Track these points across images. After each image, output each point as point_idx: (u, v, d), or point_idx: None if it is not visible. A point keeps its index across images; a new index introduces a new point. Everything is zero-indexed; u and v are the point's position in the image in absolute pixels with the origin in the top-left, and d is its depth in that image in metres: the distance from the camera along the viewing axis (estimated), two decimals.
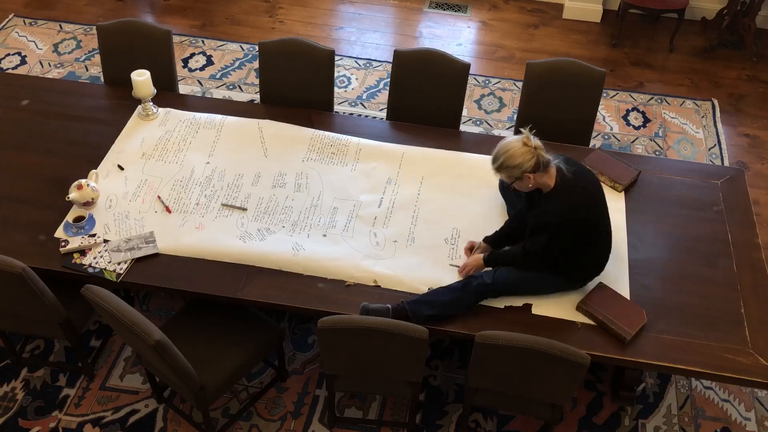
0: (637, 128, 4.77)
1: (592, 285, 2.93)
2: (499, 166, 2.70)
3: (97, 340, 3.48)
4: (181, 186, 3.29)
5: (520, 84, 4.76)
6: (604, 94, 4.93)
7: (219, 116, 3.62)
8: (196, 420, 3.19)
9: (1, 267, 2.71)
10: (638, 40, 5.51)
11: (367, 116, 4.71)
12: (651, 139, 4.69)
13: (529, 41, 5.45)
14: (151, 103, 3.59)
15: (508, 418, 3.26)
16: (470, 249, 3.04)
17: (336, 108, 4.61)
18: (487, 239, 3.02)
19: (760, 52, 5.34)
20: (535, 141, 2.67)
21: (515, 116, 4.22)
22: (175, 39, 4.99)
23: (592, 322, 2.84)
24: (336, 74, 4.73)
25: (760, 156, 4.63)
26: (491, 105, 4.88)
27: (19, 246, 3.01)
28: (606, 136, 4.70)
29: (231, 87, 4.92)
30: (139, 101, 3.59)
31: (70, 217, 3.10)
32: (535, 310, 2.87)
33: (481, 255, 2.93)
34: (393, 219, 3.20)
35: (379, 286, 2.94)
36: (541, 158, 2.65)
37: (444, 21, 5.65)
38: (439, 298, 2.83)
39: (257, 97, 4.63)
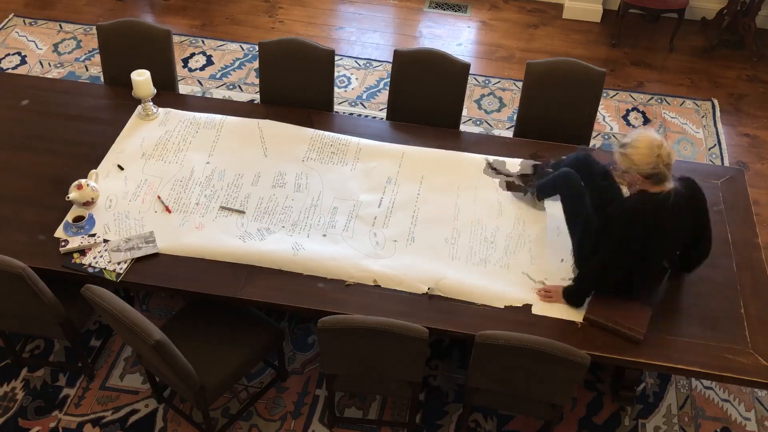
0: (637, 128, 4.76)
1: None
2: (623, 154, 2.62)
3: (97, 340, 3.48)
4: (181, 186, 3.29)
5: (520, 84, 4.76)
6: (604, 94, 4.93)
7: (219, 116, 3.62)
8: (196, 420, 3.19)
9: (1, 267, 2.72)
10: (638, 40, 5.51)
11: (367, 116, 4.71)
12: None
13: (529, 41, 5.45)
14: (151, 103, 3.59)
15: (508, 418, 3.26)
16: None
17: (336, 108, 4.61)
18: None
19: (760, 52, 5.35)
20: (663, 149, 2.57)
21: (515, 116, 4.22)
22: (175, 39, 4.99)
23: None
24: (336, 74, 4.73)
25: (760, 156, 4.63)
26: (491, 105, 4.88)
27: (19, 246, 3.00)
28: (606, 136, 4.70)
29: (231, 87, 4.92)
30: (139, 101, 3.58)
31: (70, 217, 3.10)
32: (535, 310, 2.87)
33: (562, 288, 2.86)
34: (393, 219, 3.20)
35: (379, 286, 2.94)
36: (659, 170, 2.57)
37: (444, 21, 5.65)
38: None
39: (257, 97, 4.63)
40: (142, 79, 3.46)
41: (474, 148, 3.52)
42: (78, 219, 3.07)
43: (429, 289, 2.92)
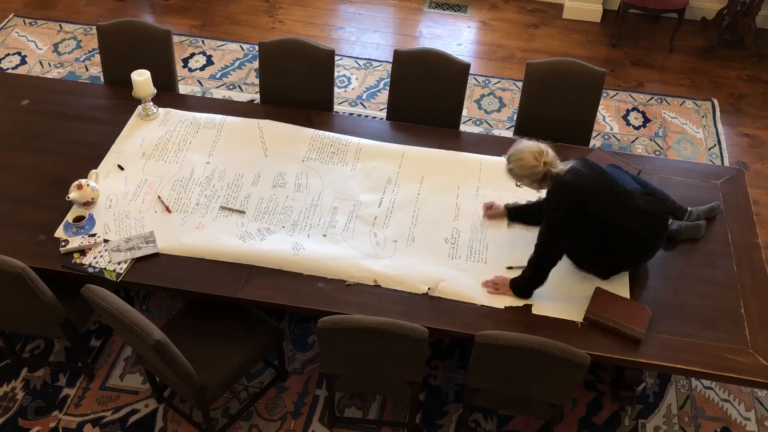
0: (637, 128, 4.77)
1: (591, 290, 2.93)
2: (510, 170, 2.81)
3: (97, 340, 3.48)
4: (181, 186, 3.29)
5: (520, 84, 4.76)
6: (604, 94, 4.93)
7: (219, 116, 3.62)
8: (196, 420, 3.19)
9: (1, 267, 2.72)
10: (638, 40, 5.51)
11: (367, 116, 4.71)
12: (651, 139, 4.69)
13: (529, 41, 5.45)
14: (152, 103, 3.59)
15: (508, 418, 3.26)
16: (488, 207, 3.20)
17: (336, 108, 4.61)
18: (507, 205, 3.17)
19: (760, 52, 5.34)
20: (548, 156, 2.72)
21: (515, 116, 4.22)
22: (175, 39, 4.99)
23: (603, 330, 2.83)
24: (336, 74, 4.73)
25: (760, 156, 4.63)
26: (491, 105, 4.88)
27: (19, 246, 3.00)
28: (606, 136, 4.70)
29: (231, 87, 4.92)
30: (139, 101, 3.58)
31: (70, 217, 3.10)
32: (535, 310, 2.87)
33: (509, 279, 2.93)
34: (393, 219, 3.20)
35: (379, 286, 2.94)
36: (549, 173, 2.72)
37: (444, 21, 5.65)
38: None
39: (257, 97, 4.63)
40: (142, 79, 3.46)
41: (474, 148, 3.52)
42: (78, 219, 3.07)
43: (429, 289, 2.92)
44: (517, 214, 3.17)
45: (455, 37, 5.49)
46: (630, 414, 3.29)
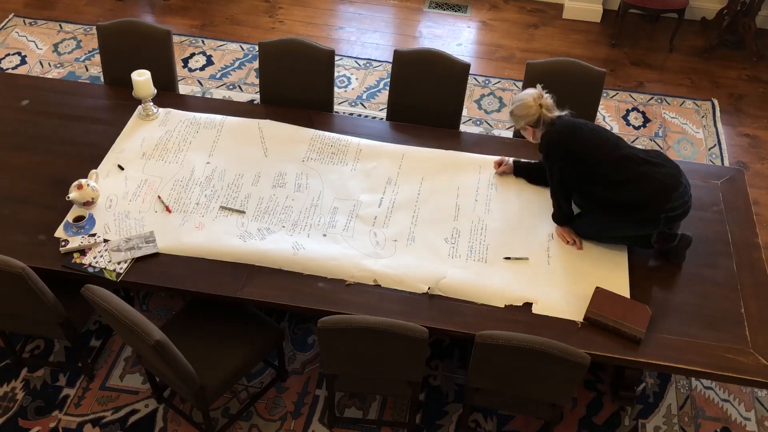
0: (637, 128, 4.77)
1: (591, 290, 2.93)
2: (510, 113, 3.04)
3: (97, 340, 3.48)
4: (181, 186, 3.29)
5: (520, 84, 4.76)
6: (604, 94, 4.93)
7: (219, 116, 3.62)
8: (196, 420, 3.19)
9: (1, 267, 2.72)
10: (638, 40, 5.51)
11: (367, 116, 4.71)
12: (651, 139, 4.69)
13: (529, 41, 5.46)
14: (152, 103, 3.59)
15: (508, 418, 3.26)
16: (499, 164, 3.37)
17: (336, 108, 4.61)
18: (515, 161, 3.35)
19: (760, 52, 5.35)
20: (546, 100, 2.97)
21: None
22: (175, 39, 4.99)
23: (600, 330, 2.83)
24: (336, 74, 4.74)
25: (760, 156, 4.63)
26: (491, 105, 4.88)
27: (19, 246, 3.00)
28: None
29: (231, 87, 4.92)
30: (139, 101, 3.58)
31: (70, 217, 3.10)
32: (535, 310, 2.87)
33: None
34: (393, 219, 3.20)
35: (379, 286, 2.94)
36: (543, 116, 2.95)
37: (444, 21, 5.65)
38: None
39: (257, 97, 4.63)
40: (142, 79, 3.46)
41: (474, 148, 3.52)
42: (78, 219, 3.07)
43: (429, 288, 2.92)
44: (522, 171, 3.34)
45: (455, 37, 5.49)
46: (630, 414, 3.29)
